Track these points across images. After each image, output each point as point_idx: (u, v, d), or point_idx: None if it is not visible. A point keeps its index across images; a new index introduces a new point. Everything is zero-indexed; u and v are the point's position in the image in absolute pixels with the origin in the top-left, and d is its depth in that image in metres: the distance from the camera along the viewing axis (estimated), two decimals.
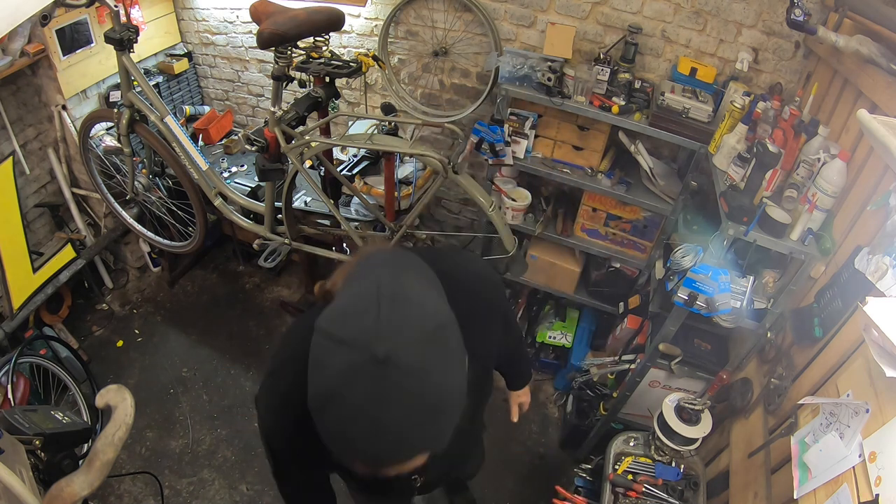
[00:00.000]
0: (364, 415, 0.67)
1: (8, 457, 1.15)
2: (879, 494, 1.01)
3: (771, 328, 1.84)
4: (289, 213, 2.23)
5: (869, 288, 1.32)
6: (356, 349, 0.67)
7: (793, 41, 2.12)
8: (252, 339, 3.13)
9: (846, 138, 1.67)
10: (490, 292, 1.13)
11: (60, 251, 2.80)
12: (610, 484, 1.90)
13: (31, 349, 2.53)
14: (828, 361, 1.45)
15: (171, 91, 3.11)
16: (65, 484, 1.15)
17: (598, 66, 2.22)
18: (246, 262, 3.47)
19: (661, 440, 1.91)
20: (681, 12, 2.21)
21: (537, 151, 2.52)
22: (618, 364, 2.36)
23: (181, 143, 2.33)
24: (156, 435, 2.65)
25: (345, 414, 0.67)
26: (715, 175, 1.99)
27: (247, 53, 3.10)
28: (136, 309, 3.25)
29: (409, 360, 0.67)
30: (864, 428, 1.13)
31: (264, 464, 2.56)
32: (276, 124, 1.97)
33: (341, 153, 2.65)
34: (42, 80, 2.56)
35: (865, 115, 1.21)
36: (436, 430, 0.71)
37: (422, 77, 2.78)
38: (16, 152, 2.56)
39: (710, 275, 1.77)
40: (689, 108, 2.12)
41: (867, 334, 1.10)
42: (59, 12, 2.28)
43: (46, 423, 1.27)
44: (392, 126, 2.21)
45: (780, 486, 1.45)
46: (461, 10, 2.50)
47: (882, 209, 1.36)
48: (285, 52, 1.93)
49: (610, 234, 2.64)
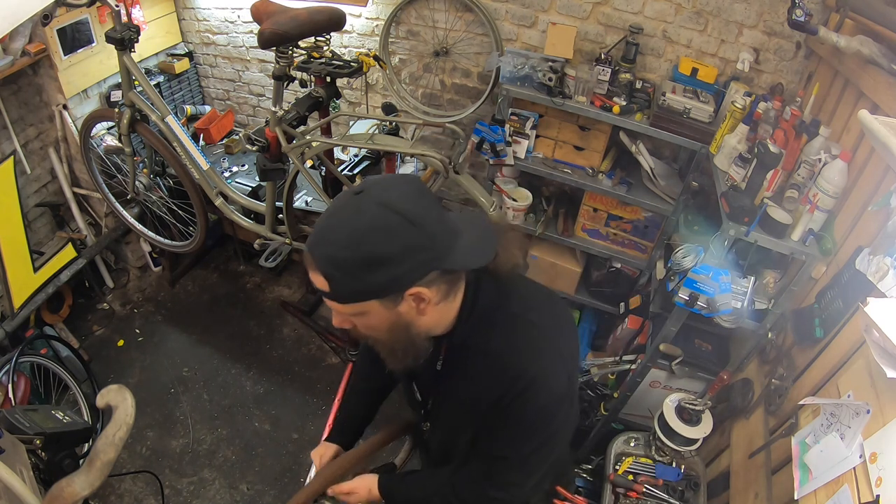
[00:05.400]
0: (327, 210, 0.90)
1: (9, 456, 1.15)
2: (880, 495, 1.01)
3: (772, 329, 1.84)
4: (290, 213, 2.23)
5: (870, 288, 1.32)
6: (354, 187, 0.88)
7: (794, 41, 2.11)
8: (253, 338, 3.13)
9: (847, 139, 1.67)
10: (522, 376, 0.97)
11: (61, 250, 2.80)
12: (610, 484, 1.90)
13: (31, 348, 2.53)
14: (828, 362, 1.45)
15: (172, 91, 3.11)
16: (65, 483, 1.15)
17: (599, 66, 2.22)
18: (247, 261, 3.48)
19: (661, 440, 1.91)
20: (682, 12, 2.21)
21: (538, 151, 2.52)
22: (618, 364, 2.35)
23: (182, 142, 2.33)
24: (156, 434, 2.65)
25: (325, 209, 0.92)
26: (716, 175, 1.99)
27: (248, 53, 3.10)
28: (137, 308, 3.26)
29: (366, 205, 0.83)
30: (864, 429, 1.13)
31: (264, 463, 2.57)
32: (278, 124, 1.97)
33: (342, 153, 2.65)
34: (43, 80, 2.56)
35: (867, 116, 1.21)
36: (325, 246, 0.84)
37: (423, 77, 2.78)
38: (17, 152, 2.56)
39: (710, 275, 1.77)
40: (690, 108, 2.12)
41: (868, 335, 1.10)
42: (60, 12, 2.28)
43: (47, 422, 1.27)
44: (393, 126, 2.21)
45: (781, 486, 1.45)
46: (462, 10, 2.50)
47: (883, 210, 1.36)
48: (286, 51, 1.93)
49: (611, 234, 2.64)
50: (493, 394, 0.99)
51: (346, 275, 0.83)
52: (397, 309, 0.88)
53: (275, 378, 2.93)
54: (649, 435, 2.00)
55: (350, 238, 0.82)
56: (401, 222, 0.81)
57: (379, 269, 0.82)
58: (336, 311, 0.92)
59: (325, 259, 0.84)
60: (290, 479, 2.52)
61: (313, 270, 0.86)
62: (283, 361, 3.02)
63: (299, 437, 2.68)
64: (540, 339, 1.00)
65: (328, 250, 0.84)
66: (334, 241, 0.83)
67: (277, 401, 2.83)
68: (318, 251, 0.84)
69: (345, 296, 0.87)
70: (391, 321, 0.90)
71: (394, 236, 0.81)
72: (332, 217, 0.86)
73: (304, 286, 3.36)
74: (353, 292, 0.86)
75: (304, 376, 2.96)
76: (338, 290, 0.85)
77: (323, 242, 0.85)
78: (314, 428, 2.70)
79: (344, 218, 0.84)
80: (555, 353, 1.01)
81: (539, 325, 1.01)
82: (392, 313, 0.89)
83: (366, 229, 0.81)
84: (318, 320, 3.22)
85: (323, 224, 0.86)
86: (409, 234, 0.81)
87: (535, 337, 1.00)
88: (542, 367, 0.98)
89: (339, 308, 0.90)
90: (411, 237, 0.81)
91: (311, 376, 2.96)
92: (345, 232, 0.82)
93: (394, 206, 0.82)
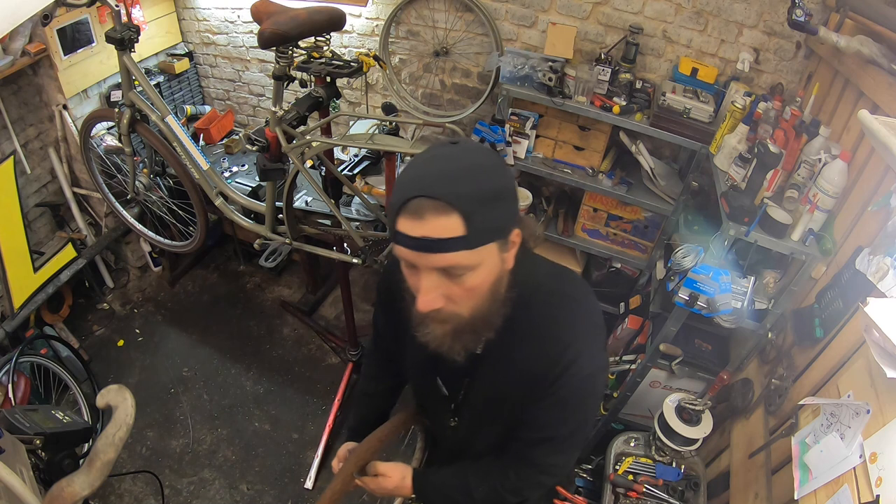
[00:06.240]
0: (419, 160, 0.84)
1: (8, 456, 1.15)
2: (880, 495, 1.01)
3: (772, 329, 1.84)
4: (290, 213, 2.23)
5: (870, 289, 1.32)
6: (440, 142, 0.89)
7: (794, 41, 2.11)
8: (253, 338, 3.13)
9: (847, 139, 1.67)
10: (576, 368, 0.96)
11: (61, 250, 2.80)
12: (610, 484, 1.90)
13: (31, 348, 2.53)
14: (829, 362, 1.45)
15: (172, 91, 3.11)
16: (65, 484, 1.15)
17: (599, 66, 2.22)
18: (247, 261, 3.47)
19: (661, 440, 1.91)
20: (682, 12, 2.21)
21: (538, 151, 2.52)
22: (618, 364, 2.35)
23: (182, 142, 2.32)
24: (156, 434, 2.65)
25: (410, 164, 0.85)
26: (716, 175, 1.99)
27: (248, 53, 3.10)
28: (137, 308, 3.26)
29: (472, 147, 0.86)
30: (864, 429, 1.13)
31: (264, 463, 2.57)
32: (278, 124, 1.97)
33: (342, 153, 2.65)
34: (43, 80, 2.56)
35: (867, 116, 1.21)
36: (455, 178, 0.79)
37: (423, 77, 2.78)
38: (17, 152, 2.56)
39: (710, 275, 1.77)
40: (690, 108, 2.12)
41: (868, 335, 1.10)
42: (60, 12, 2.28)
43: (47, 422, 1.27)
44: (393, 126, 2.21)
45: (781, 486, 1.45)
46: (462, 10, 2.50)
47: (883, 210, 1.36)
48: (286, 51, 1.93)
49: (611, 234, 2.64)
50: (537, 372, 0.96)
51: (483, 208, 0.79)
52: (503, 255, 0.87)
53: (275, 378, 2.93)
54: (649, 435, 2.00)
55: (476, 174, 0.80)
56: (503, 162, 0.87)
57: (504, 202, 0.83)
58: (432, 285, 0.84)
59: (460, 196, 0.77)
60: (290, 479, 2.52)
61: (441, 213, 0.77)
62: (283, 361, 3.02)
63: (299, 437, 2.68)
64: (580, 312, 1.00)
65: (461, 188, 0.78)
66: (460, 178, 0.79)
67: (277, 401, 2.83)
68: (447, 190, 0.77)
69: (481, 234, 0.80)
70: (496, 274, 0.87)
71: (506, 172, 0.86)
72: (440, 160, 0.82)
73: (305, 286, 3.36)
74: (488, 230, 0.81)
75: (304, 376, 2.96)
76: (476, 227, 0.79)
77: (449, 182, 0.78)
78: (314, 428, 2.70)
79: (458, 159, 0.81)
80: (593, 325, 1.00)
81: (576, 297, 1.01)
82: (500, 261, 0.87)
83: (488, 165, 0.82)
84: (318, 320, 3.22)
85: (434, 168, 0.81)
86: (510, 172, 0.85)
87: (574, 310, 0.99)
88: (585, 340, 0.97)
89: (460, 259, 0.81)
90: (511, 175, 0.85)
91: (311, 376, 2.96)
92: (467, 170, 0.80)
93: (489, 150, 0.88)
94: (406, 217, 0.79)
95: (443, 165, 0.81)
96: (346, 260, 2.23)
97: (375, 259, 2.13)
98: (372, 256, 2.14)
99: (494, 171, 0.82)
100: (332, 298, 3.34)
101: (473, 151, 0.84)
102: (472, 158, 0.82)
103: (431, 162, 0.82)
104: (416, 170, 0.82)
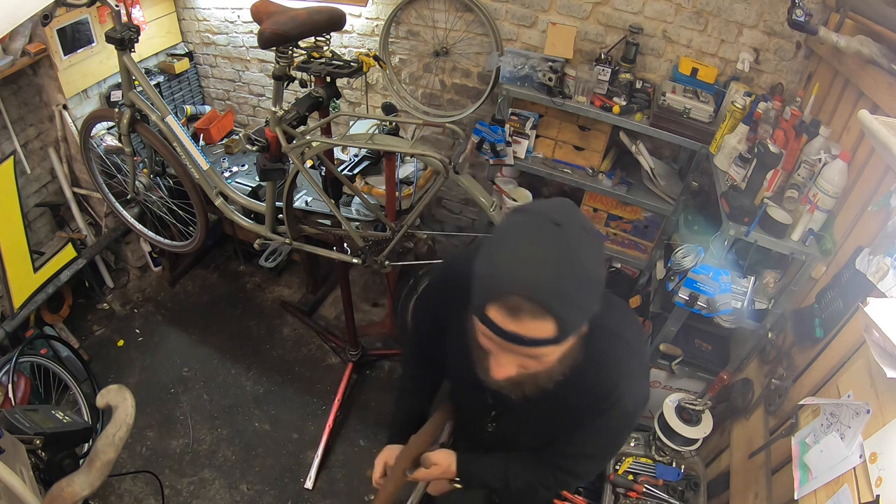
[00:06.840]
0: (518, 243, 0.77)
1: (8, 456, 1.15)
2: (880, 495, 1.01)
3: (772, 329, 1.84)
4: (290, 213, 2.23)
5: (870, 289, 1.32)
6: (538, 215, 0.78)
7: (794, 41, 2.11)
8: (253, 338, 3.13)
9: (847, 139, 1.67)
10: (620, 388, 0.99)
11: (61, 250, 2.80)
12: (610, 484, 1.90)
13: (31, 348, 2.53)
14: (829, 362, 1.45)
15: (172, 91, 3.11)
16: (65, 484, 1.15)
17: (599, 66, 2.22)
18: (247, 261, 3.47)
19: (661, 440, 1.91)
20: (682, 12, 2.21)
21: (538, 151, 2.52)
22: None
23: (182, 142, 2.32)
24: (156, 434, 2.65)
25: (505, 241, 0.77)
26: (716, 175, 1.99)
27: (248, 53, 3.10)
28: (137, 308, 3.26)
29: (578, 237, 0.76)
30: (864, 429, 1.13)
31: (264, 463, 2.57)
32: (277, 124, 1.97)
33: (342, 153, 2.65)
34: (43, 80, 2.56)
35: (867, 116, 1.21)
36: (558, 286, 0.74)
37: (423, 77, 2.78)
38: (17, 152, 2.56)
39: (710, 275, 1.77)
40: (690, 108, 2.12)
41: (868, 335, 1.10)
42: (60, 12, 2.28)
43: (47, 422, 1.27)
44: (393, 126, 2.21)
45: (781, 486, 1.45)
46: (462, 10, 2.50)
47: (883, 210, 1.36)
48: (286, 51, 1.93)
49: (611, 234, 2.64)
50: (583, 403, 1.01)
51: (579, 311, 0.78)
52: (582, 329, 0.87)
53: (275, 378, 2.93)
54: (649, 435, 2.00)
55: (579, 277, 0.75)
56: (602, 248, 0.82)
57: (596, 294, 0.80)
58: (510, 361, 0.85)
59: (562, 305, 0.75)
60: (290, 479, 2.52)
61: (539, 318, 0.75)
62: (283, 361, 3.02)
63: (299, 437, 2.68)
64: (632, 352, 1.02)
65: (564, 297, 0.75)
66: (563, 282, 0.74)
67: (277, 401, 2.83)
68: (549, 297, 0.74)
69: (571, 331, 0.79)
70: (571, 346, 0.87)
71: (603, 263, 0.83)
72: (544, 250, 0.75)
73: (305, 286, 3.36)
74: (578, 326, 0.80)
75: (304, 376, 2.96)
76: (567, 328, 0.78)
77: (552, 287, 0.74)
78: (314, 428, 2.70)
79: (563, 254, 0.75)
80: (641, 365, 1.06)
81: (631, 339, 1.03)
82: (578, 336, 0.87)
83: (590, 264, 0.77)
84: (318, 320, 3.22)
85: (536, 259, 0.75)
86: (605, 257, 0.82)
87: (628, 351, 1.01)
88: (633, 379, 1.01)
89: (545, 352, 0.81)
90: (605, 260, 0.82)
91: (311, 376, 2.96)
92: (570, 272, 0.74)
93: (590, 228, 0.80)
94: (500, 309, 0.76)
95: (546, 261, 0.74)
96: (346, 260, 2.23)
97: (375, 259, 2.13)
98: (372, 256, 2.14)
99: (595, 269, 0.78)
100: (332, 298, 3.34)
101: (579, 243, 0.76)
102: (577, 253, 0.75)
103: (534, 250, 0.75)
104: (516, 255, 0.76)
